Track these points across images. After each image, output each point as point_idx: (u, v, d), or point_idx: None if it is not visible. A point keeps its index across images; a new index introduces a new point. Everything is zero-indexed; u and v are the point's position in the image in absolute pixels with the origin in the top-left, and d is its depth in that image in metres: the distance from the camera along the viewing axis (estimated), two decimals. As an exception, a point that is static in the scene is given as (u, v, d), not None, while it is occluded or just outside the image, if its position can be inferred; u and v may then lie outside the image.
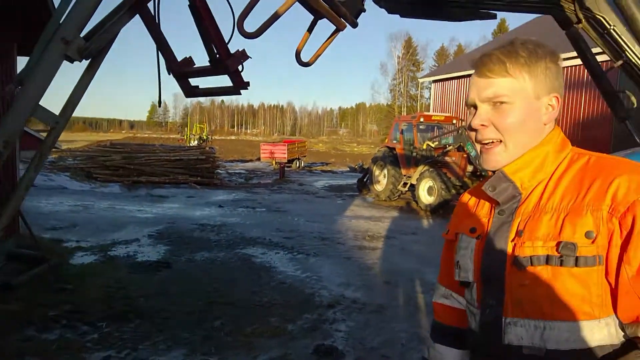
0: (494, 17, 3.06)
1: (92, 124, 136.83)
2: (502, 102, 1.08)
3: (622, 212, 0.94)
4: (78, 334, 4.25)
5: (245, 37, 3.31)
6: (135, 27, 3.68)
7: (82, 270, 6.13)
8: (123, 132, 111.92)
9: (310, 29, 3.81)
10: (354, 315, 5.01)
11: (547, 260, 0.99)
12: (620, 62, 3.36)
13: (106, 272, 6.10)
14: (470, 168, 12.40)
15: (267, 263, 6.91)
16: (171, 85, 3.93)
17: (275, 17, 3.32)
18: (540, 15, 3.13)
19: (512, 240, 1.06)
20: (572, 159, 1.09)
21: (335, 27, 3.64)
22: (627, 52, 3.26)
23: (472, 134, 1.14)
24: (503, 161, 1.10)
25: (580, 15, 2.21)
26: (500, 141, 1.09)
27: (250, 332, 4.42)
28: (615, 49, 3.29)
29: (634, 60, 3.20)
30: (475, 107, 1.12)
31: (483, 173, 11.70)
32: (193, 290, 5.52)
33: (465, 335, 1.25)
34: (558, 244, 0.98)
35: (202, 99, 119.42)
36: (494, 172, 1.13)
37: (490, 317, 1.08)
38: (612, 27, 2.87)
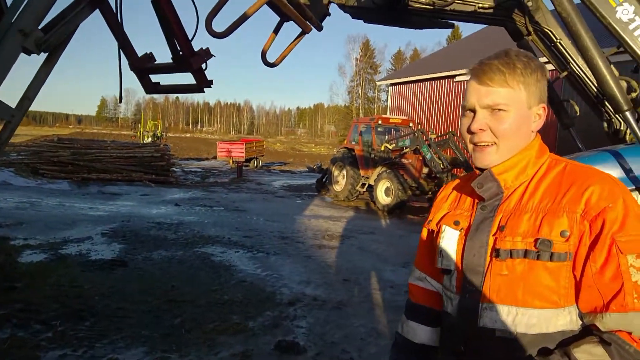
0: (452, 26, 3.22)
1: (36, 118, 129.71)
2: (499, 110, 1.18)
3: (593, 215, 1.07)
4: (31, 332, 4.11)
5: (214, 37, 3.32)
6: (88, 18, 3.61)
7: (32, 269, 5.90)
8: (70, 127, 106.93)
9: (276, 30, 3.87)
10: (315, 311, 5.10)
11: (525, 254, 1.11)
12: (565, 73, 3.61)
13: (58, 270, 5.90)
14: (425, 170, 12.77)
15: (226, 262, 6.88)
16: (123, 81, 3.83)
17: (244, 17, 3.36)
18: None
19: (494, 234, 1.18)
20: (550, 165, 1.22)
21: (301, 30, 3.71)
22: (571, 64, 3.51)
23: (467, 135, 1.24)
24: (494, 161, 1.22)
25: (530, 29, 2.38)
26: (494, 144, 1.21)
27: (211, 329, 4.42)
28: (561, 60, 3.53)
29: (577, 72, 3.45)
30: (473, 111, 1.22)
31: (438, 175, 12.10)
32: (151, 289, 5.44)
33: (436, 315, 1.38)
34: (536, 240, 1.10)
35: (155, 95, 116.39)
36: (481, 170, 1.25)
37: (469, 302, 1.20)
38: (558, 41, 3.10)
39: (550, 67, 3.58)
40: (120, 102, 4.51)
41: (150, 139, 31.72)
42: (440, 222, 1.35)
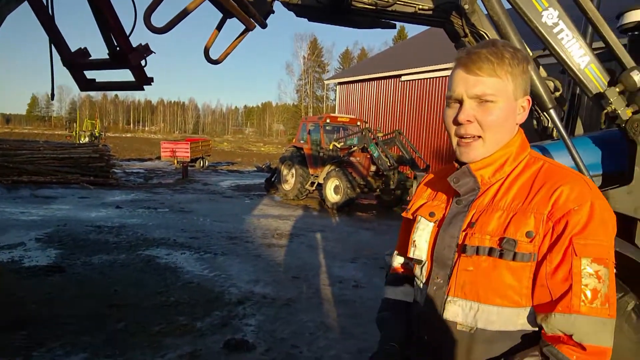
0: (394, 27, 3.29)
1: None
2: (487, 101, 1.15)
3: (558, 217, 1.07)
4: (-38, 344, 3.89)
5: (153, 32, 3.24)
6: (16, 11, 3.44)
7: (-40, 278, 5.56)
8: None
9: (219, 27, 3.82)
10: (264, 309, 5.10)
11: (490, 252, 1.11)
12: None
13: (-12, 279, 5.59)
14: (373, 168, 13.02)
15: (172, 264, 6.73)
16: (57, 77, 3.65)
17: (185, 13, 3.29)
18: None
19: (464, 229, 1.17)
20: (527, 163, 1.21)
21: (244, 27, 3.69)
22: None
23: (453, 127, 1.20)
24: (480, 155, 1.19)
25: (467, 30, 2.50)
26: (480, 137, 1.17)
27: (157, 331, 4.33)
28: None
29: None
30: (460, 101, 1.18)
31: (385, 173, 12.37)
32: (91, 294, 5.24)
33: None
34: (501, 239, 1.10)
35: (92, 93, 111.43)
36: (461, 165, 1.23)
37: (435, 294, 1.21)
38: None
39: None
40: (53, 99, 4.30)
41: (87, 139, 30.34)
42: (417, 212, 1.34)
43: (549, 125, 2.80)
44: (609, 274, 1.04)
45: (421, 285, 1.27)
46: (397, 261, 1.49)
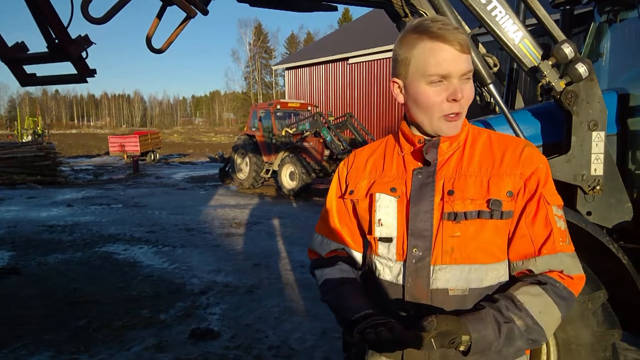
0: (335, 9, 3.32)
1: None
2: (468, 78, 1.19)
3: (528, 175, 1.19)
4: None
5: (92, 23, 3.16)
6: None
7: None
8: None
9: (159, 15, 3.76)
10: (227, 297, 5.13)
11: (479, 214, 1.17)
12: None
13: (-64, 286, 5.33)
14: (327, 152, 13.13)
15: (130, 258, 6.63)
16: None
17: (123, 2, 3.23)
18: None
19: (442, 198, 1.20)
20: (474, 133, 1.29)
21: (186, 14, 3.64)
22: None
23: (444, 104, 1.18)
24: (458, 130, 1.25)
25: (407, 10, 2.58)
26: (459, 113, 1.21)
27: (121, 325, 4.30)
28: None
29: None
30: (446, 78, 1.16)
31: (339, 156, 12.49)
32: (50, 293, 5.12)
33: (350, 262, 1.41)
34: (488, 201, 1.17)
35: (31, 89, 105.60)
36: (428, 138, 1.25)
37: (417, 267, 1.21)
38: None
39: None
40: (-7, 96, 4.11)
41: (30, 138, 28.91)
42: (371, 191, 1.30)
43: (491, 100, 2.96)
44: (564, 214, 1.22)
45: (390, 263, 1.26)
46: (330, 247, 1.44)
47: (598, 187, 2.41)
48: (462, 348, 1.07)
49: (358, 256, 1.43)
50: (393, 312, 1.22)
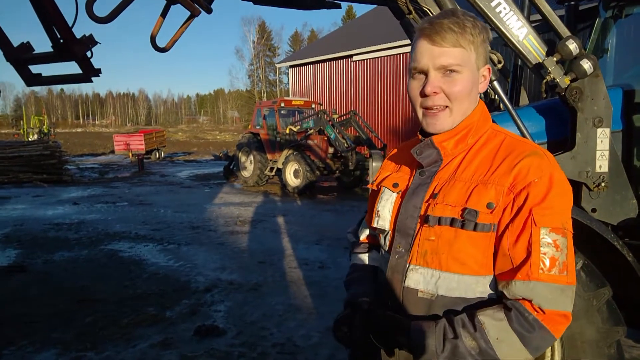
0: (339, 6, 3.32)
1: None
2: (452, 71, 1.16)
3: (519, 189, 1.10)
4: None
5: (96, 22, 3.18)
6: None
7: None
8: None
9: (163, 14, 3.77)
10: (232, 295, 5.15)
11: (452, 222, 1.14)
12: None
13: (-55, 284, 5.38)
14: (331, 150, 13.11)
15: (136, 256, 6.66)
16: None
17: (127, 1, 3.24)
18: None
19: (427, 200, 1.20)
20: (489, 136, 1.23)
21: (190, 13, 3.65)
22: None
23: (418, 99, 1.21)
24: (447, 125, 1.20)
25: (410, 7, 2.57)
26: (446, 107, 1.19)
27: (127, 323, 4.32)
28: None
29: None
30: (425, 73, 1.18)
31: (343, 154, 12.49)
32: (57, 291, 5.15)
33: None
34: (463, 209, 1.13)
35: (37, 88, 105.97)
36: (425, 137, 1.25)
37: (397, 262, 1.24)
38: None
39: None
40: (-1, 96, 4.14)
41: (36, 136, 29.06)
42: (381, 184, 1.37)
43: (495, 97, 2.95)
44: (567, 242, 1.09)
45: (385, 255, 1.31)
46: (365, 233, 1.53)
47: (603, 184, 2.40)
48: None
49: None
50: (384, 300, 1.29)
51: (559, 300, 1.07)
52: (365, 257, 1.52)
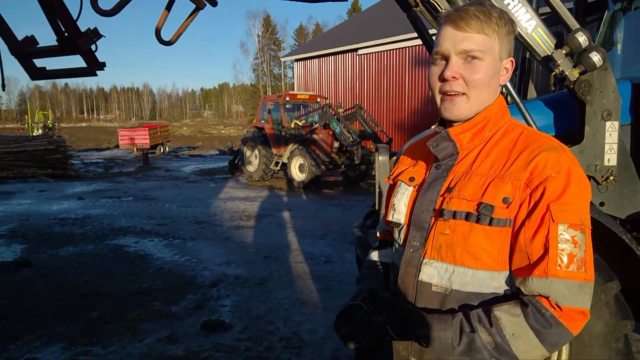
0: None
1: None
2: (474, 57, 1.14)
3: (536, 184, 1.08)
4: None
5: (101, 15, 3.17)
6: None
7: None
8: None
9: (168, 7, 3.75)
10: (238, 289, 5.16)
11: (467, 216, 1.13)
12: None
13: (-48, 278, 5.42)
14: (336, 144, 13.10)
15: (141, 251, 6.69)
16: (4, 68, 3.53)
17: (131, -6, 3.22)
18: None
19: (442, 194, 1.19)
20: (507, 129, 1.21)
21: (195, 6, 3.63)
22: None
23: (437, 84, 1.20)
24: (464, 113, 1.19)
25: (418, 0, 2.56)
26: (464, 94, 1.17)
27: (133, 318, 4.34)
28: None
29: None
30: (446, 58, 1.17)
31: (349, 148, 12.46)
32: (62, 286, 5.19)
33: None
34: (479, 204, 1.11)
35: (41, 83, 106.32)
36: (443, 126, 1.25)
37: (412, 256, 1.23)
38: (443, 11, 3.33)
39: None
40: (4, 89, 4.15)
41: (40, 131, 29.16)
42: (398, 177, 1.37)
43: (503, 90, 2.92)
44: (585, 239, 1.07)
45: (399, 248, 1.30)
46: (383, 228, 1.53)
47: (611, 178, 2.37)
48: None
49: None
50: (397, 295, 1.28)
51: (576, 297, 1.06)
52: (379, 254, 1.52)
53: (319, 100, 14.65)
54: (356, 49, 19.73)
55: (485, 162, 1.17)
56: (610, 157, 2.38)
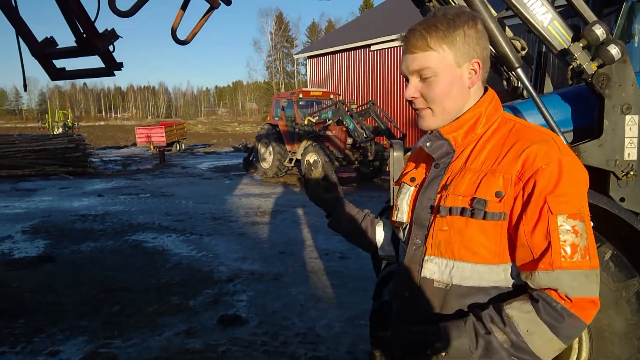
0: None
1: None
2: (426, 77, 1.20)
3: (527, 177, 1.09)
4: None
5: (119, 16, 3.21)
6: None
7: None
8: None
9: (183, 7, 3.79)
10: (254, 285, 5.21)
11: (462, 211, 1.15)
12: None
13: (-21, 273, 5.57)
14: (350, 140, 13.05)
15: (159, 247, 6.79)
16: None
17: (149, -6, 3.25)
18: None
19: (439, 192, 1.22)
20: (499, 124, 1.23)
21: (209, 5, 3.66)
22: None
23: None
24: (432, 125, 1.25)
25: (430, -5, 2.55)
26: (428, 108, 1.23)
27: (152, 312, 4.43)
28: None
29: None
30: (407, 79, 1.25)
31: (362, 144, 12.43)
32: (84, 281, 5.29)
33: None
34: (472, 199, 1.14)
35: (60, 83, 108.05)
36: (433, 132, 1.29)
37: (414, 254, 1.27)
38: (456, 5, 3.31)
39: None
40: (25, 90, 4.23)
41: (60, 130, 29.63)
42: (401, 179, 1.41)
43: (519, 84, 2.90)
44: (585, 227, 1.08)
45: (404, 247, 1.33)
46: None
47: (632, 172, 2.34)
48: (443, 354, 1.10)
49: None
50: (400, 293, 1.32)
51: (584, 286, 1.06)
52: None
53: (332, 96, 14.64)
54: (369, 45, 19.64)
55: (478, 158, 1.19)
56: (631, 152, 2.35)
